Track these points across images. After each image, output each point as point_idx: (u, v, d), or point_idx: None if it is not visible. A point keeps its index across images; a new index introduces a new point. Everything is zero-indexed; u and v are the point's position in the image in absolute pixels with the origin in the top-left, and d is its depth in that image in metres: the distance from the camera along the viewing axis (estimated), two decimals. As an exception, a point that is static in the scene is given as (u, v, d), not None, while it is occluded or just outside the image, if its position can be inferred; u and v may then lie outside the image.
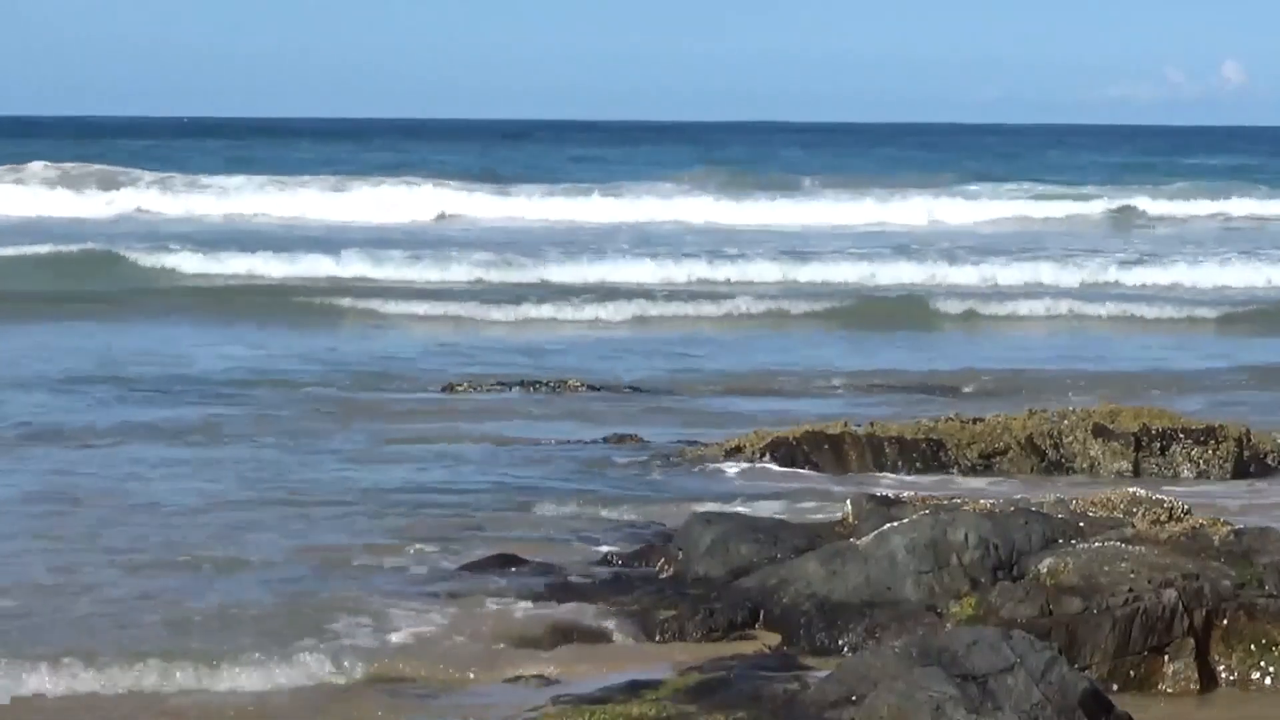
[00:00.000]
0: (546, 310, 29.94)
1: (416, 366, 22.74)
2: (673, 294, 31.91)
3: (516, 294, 31.64)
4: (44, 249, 35.62)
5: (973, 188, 59.05)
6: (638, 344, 26.02)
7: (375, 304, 30.24)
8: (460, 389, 20.53)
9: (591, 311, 29.88)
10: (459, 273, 34.99)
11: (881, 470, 15.58)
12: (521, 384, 20.76)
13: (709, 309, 30.48)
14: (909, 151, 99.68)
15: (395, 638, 10.46)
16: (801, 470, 15.59)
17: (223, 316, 28.63)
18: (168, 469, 15.49)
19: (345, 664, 9.94)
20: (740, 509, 12.91)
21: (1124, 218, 52.80)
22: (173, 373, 21.56)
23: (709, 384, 21.62)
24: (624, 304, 30.34)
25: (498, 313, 29.66)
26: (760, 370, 22.79)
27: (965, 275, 35.47)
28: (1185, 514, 11.22)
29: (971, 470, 15.68)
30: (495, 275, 34.82)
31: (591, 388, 20.79)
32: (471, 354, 24.43)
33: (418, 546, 12.63)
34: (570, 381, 20.92)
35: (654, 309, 30.28)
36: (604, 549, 12.32)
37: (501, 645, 10.36)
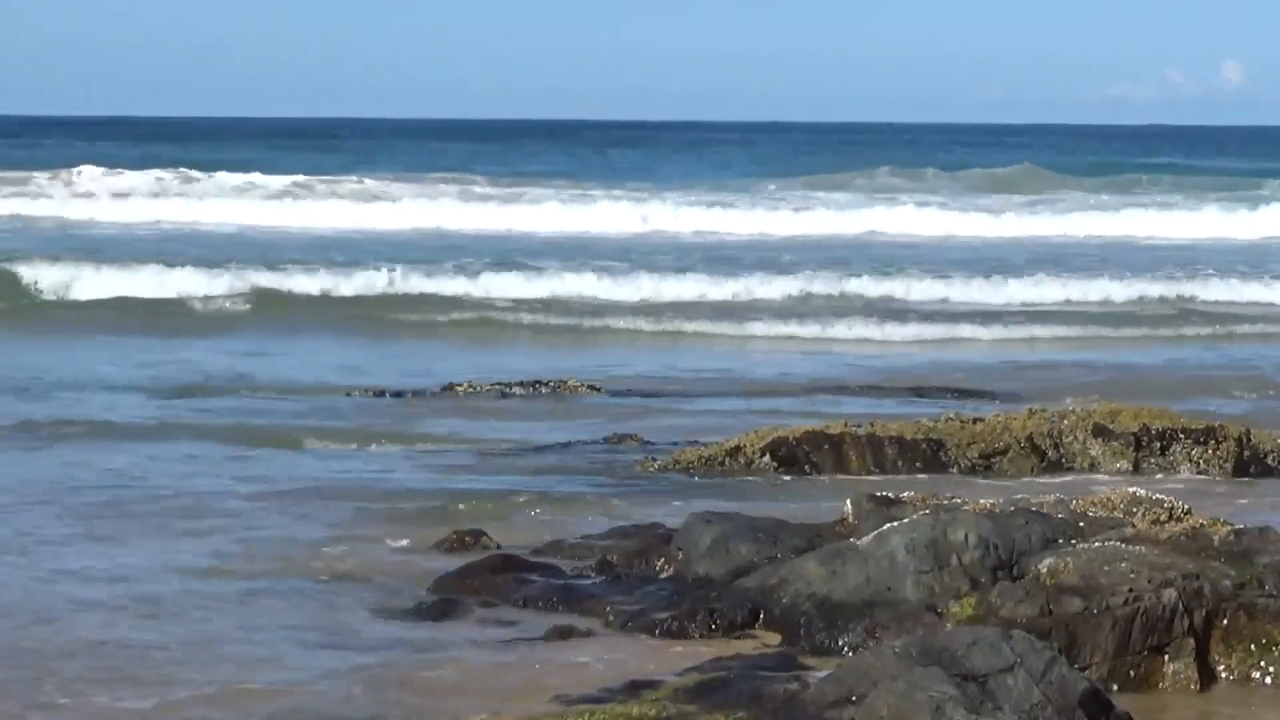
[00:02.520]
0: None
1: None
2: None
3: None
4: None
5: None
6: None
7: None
8: (460, 389, 20.53)
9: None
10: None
11: (882, 470, 15.59)
12: (522, 384, 20.76)
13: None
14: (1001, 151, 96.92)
15: (392, 639, 10.48)
16: (802, 470, 15.60)
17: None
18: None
19: (342, 659, 9.95)
20: (740, 509, 12.90)
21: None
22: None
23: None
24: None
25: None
26: None
27: None
28: (1185, 514, 11.22)
29: (972, 470, 15.69)
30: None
31: (592, 388, 20.80)
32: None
33: (414, 548, 12.65)
34: (570, 382, 20.92)
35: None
36: (604, 549, 12.31)
37: (500, 645, 10.37)
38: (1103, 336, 28.64)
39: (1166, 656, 9.97)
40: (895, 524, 10.96)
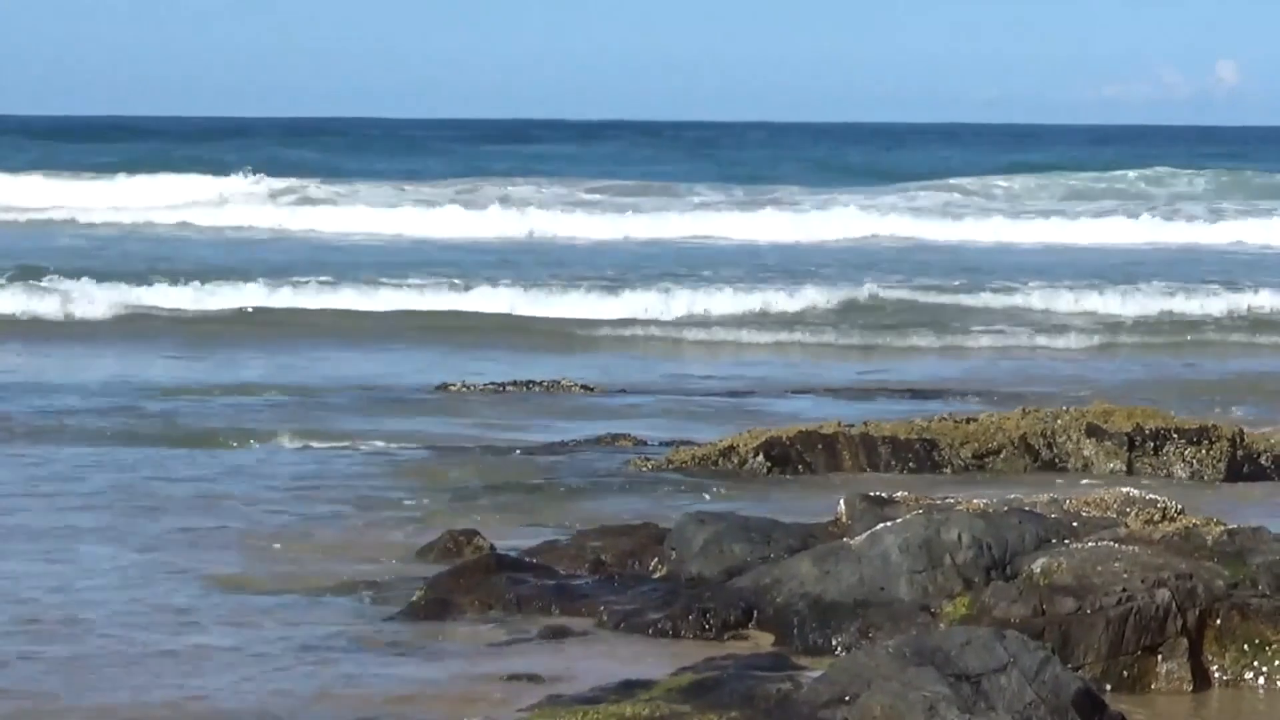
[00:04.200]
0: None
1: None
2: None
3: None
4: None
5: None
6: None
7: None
8: (454, 388, 20.53)
9: None
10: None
11: (875, 470, 15.61)
12: (515, 383, 20.76)
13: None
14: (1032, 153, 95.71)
15: (385, 640, 10.48)
16: (795, 469, 15.61)
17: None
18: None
19: (333, 660, 9.95)
20: (733, 509, 12.91)
21: None
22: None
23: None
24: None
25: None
26: None
27: None
28: (1178, 514, 11.22)
29: (965, 470, 15.70)
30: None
31: (585, 388, 20.80)
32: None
33: (406, 548, 12.64)
34: (563, 381, 20.93)
35: None
36: (597, 549, 12.31)
37: (494, 646, 10.38)
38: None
39: (1160, 657, 9.97)
40: (888, 524, 10.96)
